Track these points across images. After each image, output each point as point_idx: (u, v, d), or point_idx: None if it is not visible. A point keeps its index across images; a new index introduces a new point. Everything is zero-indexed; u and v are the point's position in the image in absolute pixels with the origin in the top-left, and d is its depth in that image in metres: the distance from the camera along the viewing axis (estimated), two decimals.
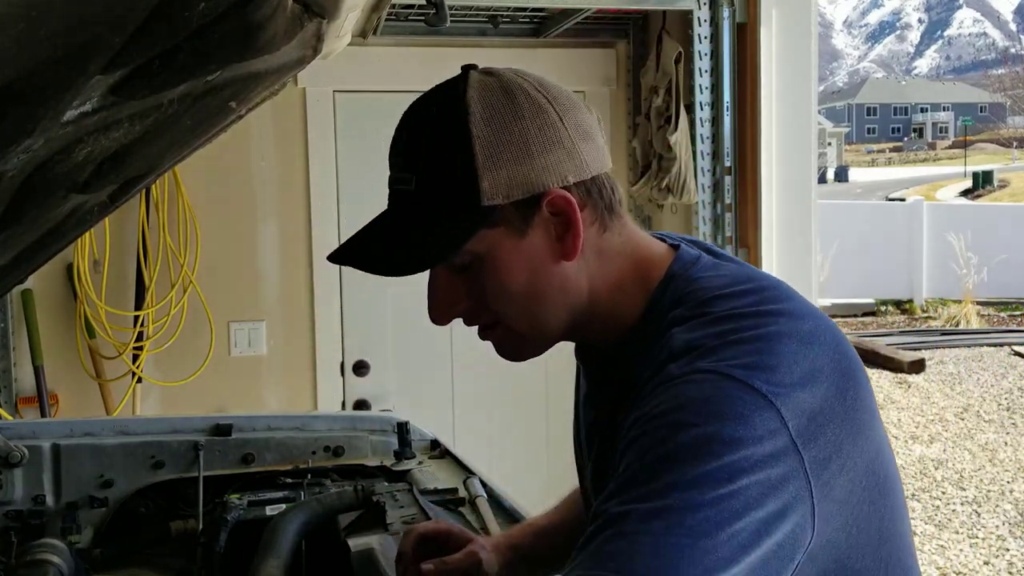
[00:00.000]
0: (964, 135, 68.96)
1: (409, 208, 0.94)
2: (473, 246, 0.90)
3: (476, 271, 0.92)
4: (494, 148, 0.89)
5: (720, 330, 0.85)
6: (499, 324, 0.96)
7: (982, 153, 60.85)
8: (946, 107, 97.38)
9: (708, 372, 0.81)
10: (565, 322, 0.96)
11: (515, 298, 0.93)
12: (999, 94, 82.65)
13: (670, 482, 0.76)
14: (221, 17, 0.74)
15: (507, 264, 0.91)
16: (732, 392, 0.79)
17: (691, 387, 0.81)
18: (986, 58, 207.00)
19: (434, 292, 0.96)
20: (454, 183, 0.89)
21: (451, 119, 0.90)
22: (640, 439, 0.80)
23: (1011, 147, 60.39)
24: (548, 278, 0.93)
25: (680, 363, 0.84)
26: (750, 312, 0.86)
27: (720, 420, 0.77)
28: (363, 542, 1.36)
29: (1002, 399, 7.94)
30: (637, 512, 0.76)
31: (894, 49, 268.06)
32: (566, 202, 0.90)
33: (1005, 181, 34.55)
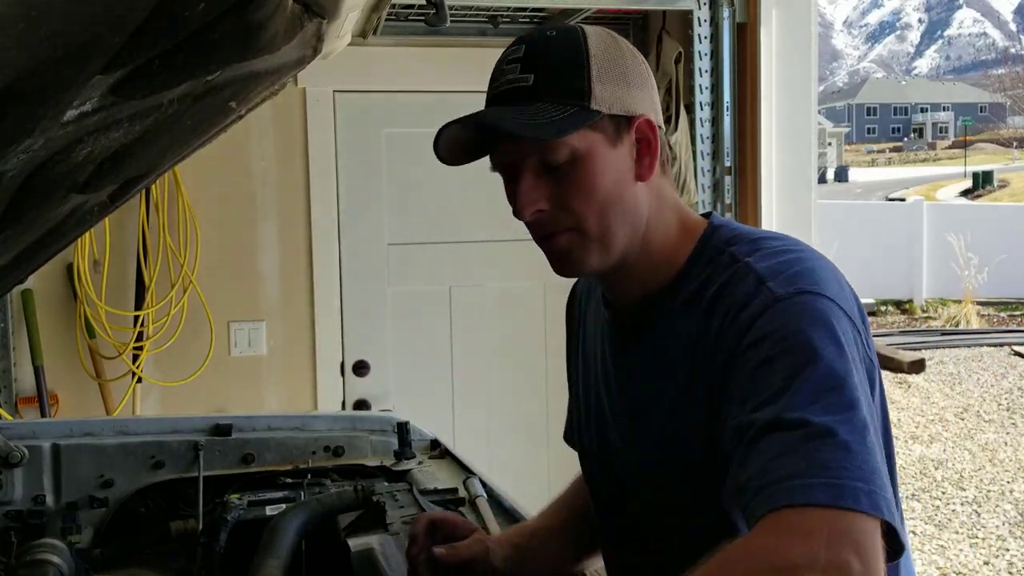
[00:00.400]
0: (964, 135, 68.96)
1: (527, 98, 1.03)
2: (576, 141, 1.01)
3: (568, 171, 1.02)
4: (604, 68, 1.03)
5: (787, 259, 1.00)
6: (572, 230, 1.04)
7: (982, 153, 60.84)
8: (946, 107, 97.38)
9: (807, 293, 0.96)
10: (626, 241, 1.06)
11: (598, 200, 1.03)
12: (999, 94, 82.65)
13: (831, 387, 0.88)
14: (221, 17, 0.74)
15: (598, 166, 1.03)
16: (834, 309, 0.95)
17: (806, 307, 0.94)
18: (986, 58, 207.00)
19: (522, 188, 1.04)
20: (570, 84, 1.02)
21: (572, 39, 1.05)
22: (782, 356, 0.91)
23: (1011, 147, 60.38)
24: (625, 191, 1.05)
25: (777, 282, 0.97)
26: (793, 246, 1.04)
27: (836, 332, 0.93)
28: (363, 542, 1.36)
29: (1002, 399, 7.94)
30: (816, 421, 0.85)
31: (894, 49, 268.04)
32: (651, 128, 1.06)
33: (1005, 181, 34.55)
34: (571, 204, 1.03)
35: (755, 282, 0.98)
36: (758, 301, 0.96)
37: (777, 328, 0.93)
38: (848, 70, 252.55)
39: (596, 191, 1.02)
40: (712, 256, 1.06)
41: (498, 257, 3.49)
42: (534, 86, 1.02)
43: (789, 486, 0.82)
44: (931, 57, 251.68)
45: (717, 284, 1.02)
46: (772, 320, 0.94)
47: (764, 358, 0.92)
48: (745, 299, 0.97)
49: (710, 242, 1.08)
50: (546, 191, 1.03)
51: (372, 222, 3.42)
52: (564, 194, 1.03)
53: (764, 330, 0.94)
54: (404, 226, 3.45)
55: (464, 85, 3.48)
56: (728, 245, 1.06)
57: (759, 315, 0.95)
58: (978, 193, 31.25)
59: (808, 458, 0.83)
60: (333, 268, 3.37)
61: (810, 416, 0.86)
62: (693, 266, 1.07)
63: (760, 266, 1.00)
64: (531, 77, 1.02)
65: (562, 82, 1.02)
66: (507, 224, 1.16)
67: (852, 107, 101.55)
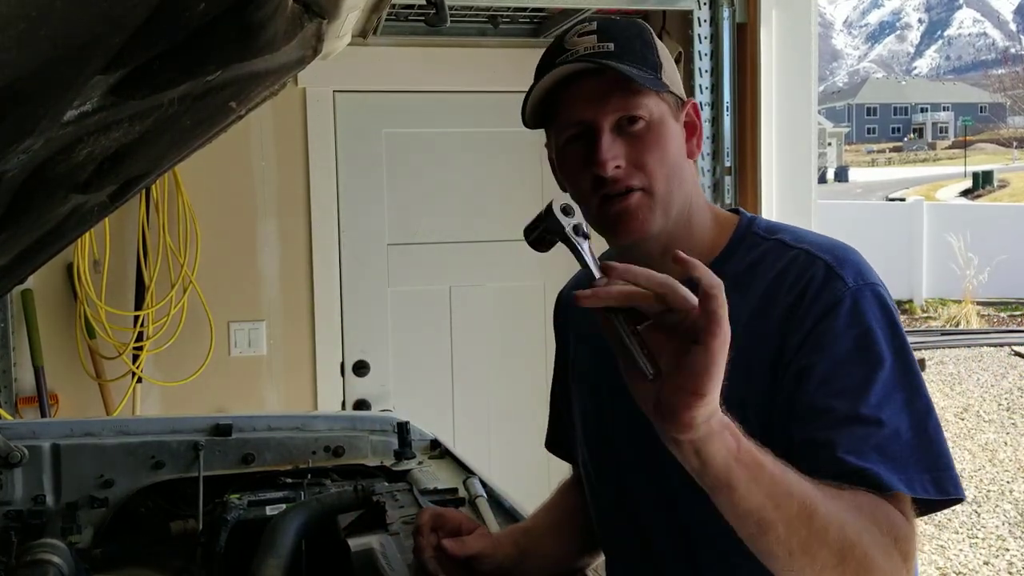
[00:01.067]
0: (964, 135, 68.95)
1: (614, 59, 1.08)
2: (654, 106, 1.10)
3: (643, 133, 1.09)
4: (663, 52, 1.14)
5: (841, 248, 1.09)
6: (642, 190, 1.10)
7: (982, 153, 60.82)
8: (946, 107, 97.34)
9: (872, 284, 1.06)
10: (678, 211, 1.13)
11: (667, 163, 1.10)
12: (999, 94, 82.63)
13: (911, 376, 1.02)
14: (221, 17, 0.74)
15: (668, 133, 1.11)
16: (891, 301, 1.07)
17: (875, 300, 1.04)
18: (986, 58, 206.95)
19: (603, 145, 1.09)
20: (646, 56, 1.11)
21: (641, 27, 1.15)
22: (870, 348, 1.01)
23: (1011, 147, 60.36)
24: (684, 162, 1.14)
25: (846, 271, 1.05)
26: (832, 239, 1.13)
27: (899, 326, 1.05)
28: (363, 542, 1.36)
29: (1002, 399, 7.94)
30: (909, 407, 1.00)
31: (894, 49, 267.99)
32: (696, 112, 1.17)
33: (1005, 181, 34.54)
34: (646, 163, 1.09)
35: (825, 269, 1.06)
36: (835, 288, 1.04)
37: (854, 322, 1.02)
38: (848, 70, 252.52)
39: (667, 155, 1.10)
40: (754, 242, 1.14)
41: (498, 257, 3.49)
42: (618, 52, 1.08)
43: (889, 475, 0.96)
44: (931, 57, 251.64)
45: (776, 268, 1.09)
46: (851, 312, 1.03)
47: (845, 350, 1.01)
48: (820, 285, 1.04)
49: (750, 229, 1.16)
50: (623, 149, 1.09)
51: (372, 222, 3.41)
52: (639, 153, 1.09)
53: (844, 321, 1.02)
54: (404, 226, 3.45)
55: (464, 85, 3.49)
56: (771, 233, 1.14)
57: (838, 303, 1.03)
58: (978, 193, 31.25)
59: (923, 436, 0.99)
60: (333, 268, 3.37)
61: (885, 415, 0.98)
62: (736, 250, 1.14)
63: (826, 256, 1.07)
64: (612, 45, 1.09)
65: (640, 53, 1.10)
66: (507, 224, 1.17)
67: (852, 107, 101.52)
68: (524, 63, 4.05)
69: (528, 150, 3.53)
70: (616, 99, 1.08)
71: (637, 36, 1.12)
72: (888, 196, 28.17)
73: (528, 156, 3.51)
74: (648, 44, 1.12)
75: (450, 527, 1.26)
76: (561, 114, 1.12)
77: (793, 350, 1.03)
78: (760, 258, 1.12)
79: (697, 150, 1.16)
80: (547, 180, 4.02)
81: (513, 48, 3.41)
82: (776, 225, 1.17)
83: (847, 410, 0.99)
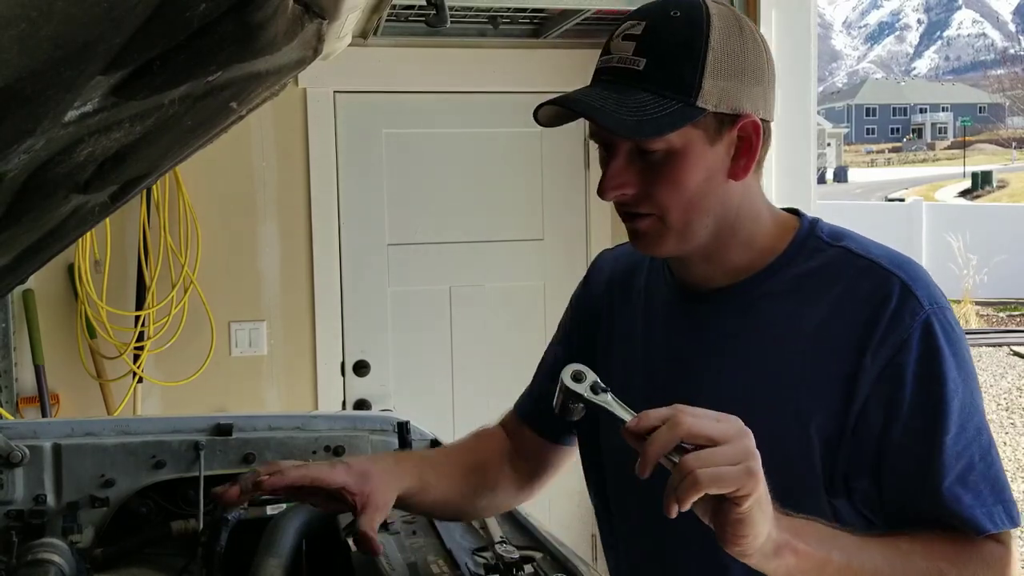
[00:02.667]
0: (963, 136, 68.96)
1: (634, 84, 1.01)
2: (674, 137, 1.00)
3: (660, 162, 1.02)
4: (721, 61, 1.01)
5: (916, 271, 1.06)
6: (654, 216, 1.05)
7: (981, 154, 60.83)
8: (945, 108, 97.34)
9: (943, 308, 1.04)
10: (710, 232, 1.07)
11: (683, 196, 1.03)
12: (998, 95, 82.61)
13: (978, 401, 1.04)
14: (222, 18, 0.74)
15: (690, 163, 1.02)
16: (956, 319, 1.06)
17: (949, 323, 1.03)
18: (985, 59, 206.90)
19: (611, 170, 1.04)
20: (680, 78, 1.00)
21: (695, 24, 1.01)
22: (944, 382, 1.01)
23: (1010, 147, 60.35)
24: (714, 189, 1.04)
25: (921, 294, 1.03)
26: (901, 254, 1.10)
27: (967, 353, 1.05)
28: None
29: (1001, 399, 7.94)
30: (978, 436, 1.03)
31: (893, 50, 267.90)
32: (755, 129, 1.04)
33: (1004, 181, 34.55)
34: (657, 195, 1.03)
35: (900, 288, 1.03)
36: (913, 311, 1.02)
37: (931, 352, 1.01)
38: (847, 71, 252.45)
39: (684, 187, 1.03)
40: (818, 247, 1.09)
41: (498, 257, 3.49)
42: (644, 72, 1.01)
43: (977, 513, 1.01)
44: (930, 58, 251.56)
45: (845, 278, 1.05)
46: (927, 340, 1.01)
47: (921, 381, 1.01)
48: (897, 307, 1.02)
49: (812, 233, 1.11)
50: (635, 176, 1.04)
51: (372, 222, 3.42)
52: (652, 183, 1.03)
53: (921, 350, 1.01)
54: (404, 226, 3.45)
55: (464, 86, 3.50)
56: (836, 240, 1.10)
57: (915, 329, 1.01)
58: (977, 193, 31.26)
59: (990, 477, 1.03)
60: (333, 268, 3.37)
61: (960, 447, 1.02)
62: (798, 253, 1.09)
63: (901, 274, 1.04)
64: (643, 62, 1.01)
65: (672, 74, 1.00)
66: (507, 224, 1.17)
67: (851, 108, 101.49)
68: (524, 63, 4.06)
69: (528, 150, 3.54)
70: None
71: (685, 49, 1.00)
72: (887, 196, 28.19)
73: (528, 156, 3.51)
74: (695, 58, 1.00)
75: (329, 492, 1.16)
76: (590, 124, 1.05)
77: (871, 379, 1.01)
78: (825, 265, 1.08)
79: (744, 172, 1.05)
80: (547, 180, 4.04)
81: (513, 48, 3.42)
82: (838, 230, 1.13)
83: (928, 450, 1.01)
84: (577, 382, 0.95)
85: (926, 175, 43.54)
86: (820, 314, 1.05)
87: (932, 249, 12.74)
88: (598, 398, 0.95)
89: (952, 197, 30.77)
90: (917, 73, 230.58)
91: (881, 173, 50.33)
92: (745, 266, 1.10)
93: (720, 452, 0.86)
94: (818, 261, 1.08)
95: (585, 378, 0.96)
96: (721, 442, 0.87)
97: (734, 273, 1.11)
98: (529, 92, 3.49)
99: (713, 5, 1.04)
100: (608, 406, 0.95)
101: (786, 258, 1.10)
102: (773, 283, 1.09)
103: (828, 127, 57.84)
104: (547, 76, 3.41)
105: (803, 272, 1.08)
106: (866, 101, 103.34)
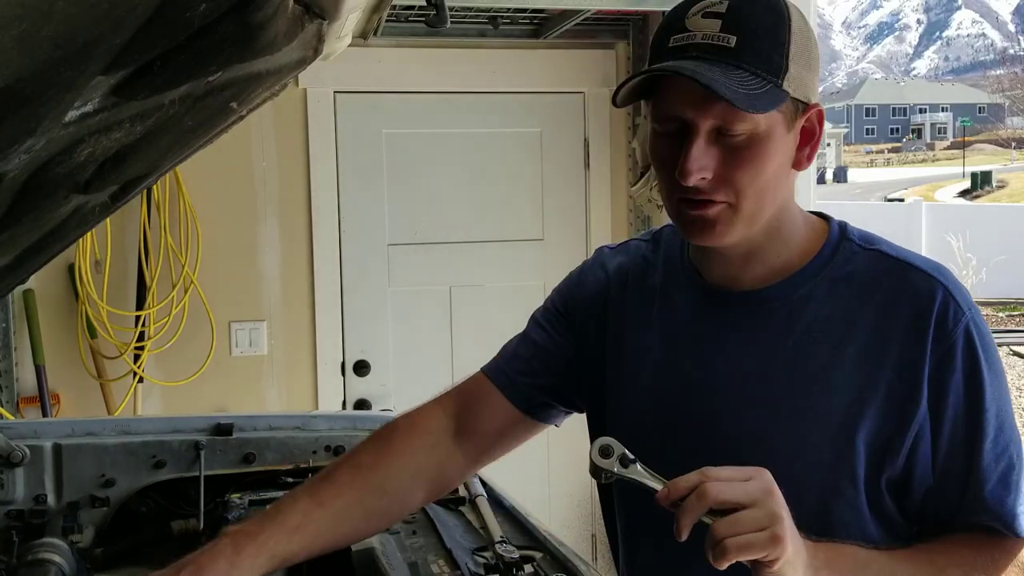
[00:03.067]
0: (963, 136, 68.94)
1: (729, 60, 0.99)
2: (763, 118, 0.99)
3: (742, 146, 1.00)
4: (800, 48, 1.01)
5: (949, 277, 1.09)
6: (726, 203, 1.03)
7: (981, 154, 60.80)
8: (945, 108, 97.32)
9: (975, 310, 1.06)
10: (768, 220, 1.06)
11: (762, 181, 1.02)
12: (998, 95, 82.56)
13: (1009, 401, 1.07)
14: (222, 18, 0.74)
15: (772, 147, 1.01)
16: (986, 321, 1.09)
17: (983, 326, 1.06)
18: (985, 59, 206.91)
19: (692, 152, 1.00)
20: (770, 59, 0.99)
21: (777, 8, 1.01)
22: (983, 386, 1.04)
23: (1010, 148, 60.32)
24: (785, 176, 1.05)
25: (960, 299, 1.05)
26: (931, 259, 1.13)
27: (997, 355, 1.07)
28: (363, 542, 1.36)
29: None
30: (1014, 436, 1.05)
31: (893, 50, 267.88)
32: (821, 118, 1.05)
33: (1004, 182, 34.54)
34: (736, 179, 1.01)
35: (943, 293, 1.05)
36: (957, 317, 1.04)
37: (972, 360, 1.04)
38: (847, 71, 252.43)
39: (763, 172, 1.01)
40: (852, 250, 1.10)
41: (498, 257, 3.49)
42: (737, 49, 0.98)
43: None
44: (930, 58, 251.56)
45: (886, 282, 1.06)
46: (970, 346, 1.03)
47: (964, 391, 1.04)
48: (942, 313, 1.04)
49: (845, 236, 1.12)
50: (714, 160, 1.01)
51: (372, 222, 3.42)
52: (732, 168, 1.01)
53: (965, 357, 1.03)
54: (404, 226, 3.45)
55: (464, 86, 3.50)
56: (868, 243, 1.11)
57: (959, 337, 1.03)
58: (977, 194, 31.26)
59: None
60: (333, 268, 3.37)
61: (1000, 450, 1.05)
62: (833, 256, 1.10)
63: (940, 278, 1.07)
64: (734, 39, 0.98)
65: (764, 53, 0.99)
66: (507, 224, 1.17)
67: (851, 108, 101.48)
68: (524, 63, 4.07)
69: (528, 150, 3.54)
70: (720, 107, 0.97)
71: (770, 29, 0.99)
72: (887, 196, 28.19)
73: (528, 156, 3.51)
74: (779, 40, 0.99)
75: None
76: (660, 102, 1.02)
77: (923, 390, 1.03)
78: (864, 271, 1.08)
79: (808, 161, 1.06)
80: (547, 180, 4.05)
81: (513, 49, 3.42)
82: (868, 235, 1.14)
83: (971, 457, 1.04)
84: (605, 457, 0.98)
85: (926, 175, 43.54)
86: (865, 320, 1.05)
87: (932, 249, 12.73)
88: (628, 471, 0.98)
89: (952, 197, 30.78)
90: (917, 73, 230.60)
91: (881, 173, 50.32)
92: (781, 267, 1.10)
93: (747, 518, 0.90)
94: (855, 266, 1.09)
95: (613, 452, 0.98)
96: (748, 505, 0.90)
97: (770, 275, 1.10)
98: (529, 92, 3.50)
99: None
100: (638, 477, 0.97)
101: (821, 261, 1.10)
102: (811, 287, 1.09)
103: (828, 127, 57.75)
104: (547, 76, 3.41)
105: (841, 276, 1.08)
106: (866, 101, 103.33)
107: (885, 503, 1.06)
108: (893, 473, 1.04)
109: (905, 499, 1.06)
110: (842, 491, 1.04)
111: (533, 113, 3.48)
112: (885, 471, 1.04)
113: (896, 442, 1.03)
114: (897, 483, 1.05)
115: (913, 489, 1.05)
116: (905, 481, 1.04)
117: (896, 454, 1.03)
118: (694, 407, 1.13)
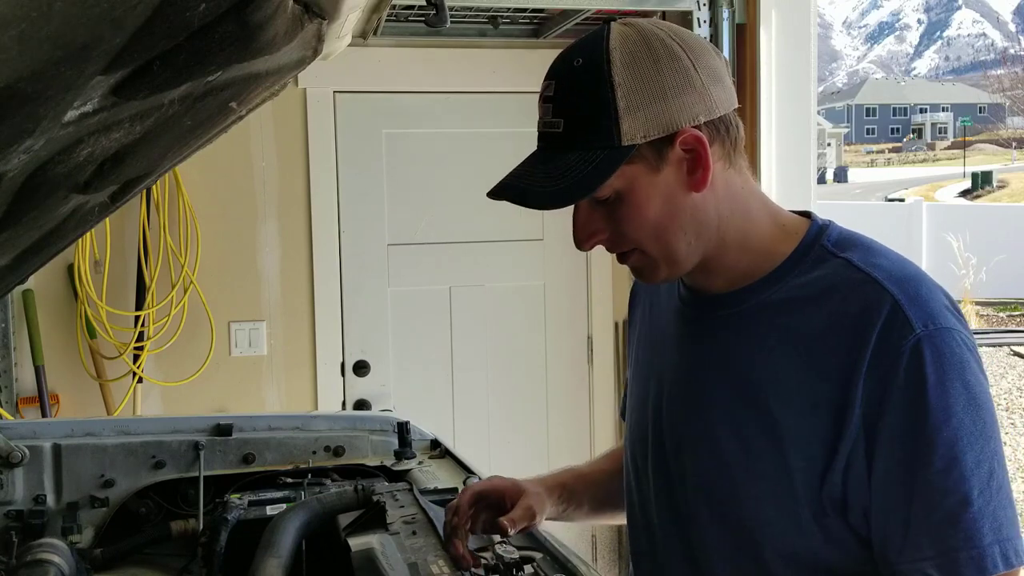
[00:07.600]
0: (963, 136, 68.97)
1: (559, 148, 1.03)
2: (614, 182, 1.00)
3: (616, 204, 1.03)
4: (633, 93, 0.99)
5: (918, 288, 0.99)
6: (635, 251, 1.06)
7: (981, 154, 60.81)
8: (945, 108, 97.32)
9: (942, 329, 0.97)
10: (697, 248, 1.06)
11: (649, 227, 1.03)
12: (998, 95, 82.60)
13: (978, 432, 0.96)
14: (222, 18, 0.74)
15: (643, 197, 1.02)
16: (964, 350, 0.97)
17: (944, 347, 0.96)
18: (985, 59, 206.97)
19: (577, 222, 1.06)
20: (598, 127, 0.99)
21: (595, 69, 1.00)
22: (930, 410, 0.95)
23: (1010, 148, 60.34)
24: (680, 208, 1.03)
25: (914, 315, 0.96)
26: (906, 261, 1.04)
27: (970, 383, 0.97)
28: (363, 542, 1.36)
29: (1001, 399, 7.94)
30: (995, 471, 0.96)
31: (893, 50, 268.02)
32: (697, 140, 1.01)
33: (1004, 182, 34.56)
34: (625, 233, 1.04)
35: (891, 307, 0.97)
36: (903, 334, 0.96)
37: (915, 380, 0.95)
38: (847, 71, 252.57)
39: (646, 219, 1.03)
40: (821, 257, 1.05)
41: (498, 257, 3.49)
42: (564, 134, 1.02)
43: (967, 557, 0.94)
44: (930, 58, 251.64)
45: (839, 293, 1.01)
46: (915, 368, 0.95)
47: (907, 415, 0.95)
48: (884, 330, 0.96)
49: (818, 242, 1.06)
50: (601, 221, 1.05)
51: (372, 222, 3.42)
52: (616, 224, 1.04)
53: (907, 378, 0.95)
54: (404, 226, 3.45)
55: (464, 86, 3.50)
56: (841, 249, 1.04)
57: (903, 355, 0.95)
58: (977, 193, 31.27)
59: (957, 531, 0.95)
60: (333, 268, 3.37)
61: (949, 484, 0.95)
62: (797, 264, 1.05)
63: (895, 291, 0.98)
64: (561, 123, 1.02)
65: (589, 127, 1.00)
66: (507, 224, 1.18)
67: (851, 108, 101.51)
68: (524, 63, 4.07)
69: (528, 150, 3.53)
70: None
71: (589, 98, 0.99)
72: (887, 196, 28.20)
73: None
74: (602, 104, 0.98)
75: (490, 502, 1.27)
76: None
77: (859, 409, 0.97)
78: (823, 277, 1.03)
79: (702, 183, 1.01)
80: None
81: (513, 48, 3.42)
82: (848, 237, 1.07)
83: (910, 485, 0.96)
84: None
85: (926, 175, 43.54)
86: (812, 332, 1.01)
87: (932, 249, 12.74)
88: None
89: (952, 197, 30.79)
90: (917, 73, 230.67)
91: (881, 173, 50.32)
92: (744, 271, 1.07)
93: None
94: (819, 273, 1.03)
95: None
96: None
97: (734, 280, 1.08)
98: (529, 92, 3.48)
99: (615, 33, 1.01)
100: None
101: (788, 266, 1.05)
102: (770, 293, 1.05)
103: (828, 127, 57.83)
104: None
105: (802, 283, 1.04)
106: (866, 101, 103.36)
107: (831, 521, 1.01)
108: (832, 490, 0.99)
109: (848, 514, 1.00)
110: (779, 499, 1.01)
111: (533, 113, 3.47)
112: (824, 486, 0.99)
113: (830, 458, 0.98)
114: (836, 500, 1.00)
115: (850, 506, 0.99)
116: (843, 497, 0.99)
117: (831, 470, 0.98)
118: (652, 406, 1.17)
